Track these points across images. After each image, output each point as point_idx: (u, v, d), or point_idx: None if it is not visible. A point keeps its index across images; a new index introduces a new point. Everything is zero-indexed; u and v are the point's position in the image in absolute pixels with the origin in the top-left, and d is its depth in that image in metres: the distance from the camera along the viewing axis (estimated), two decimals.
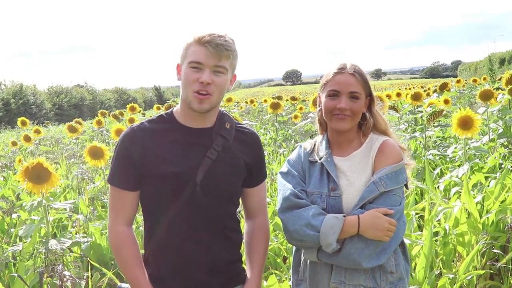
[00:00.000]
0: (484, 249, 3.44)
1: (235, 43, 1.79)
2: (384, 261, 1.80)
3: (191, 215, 1.79)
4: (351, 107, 1.85)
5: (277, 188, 1.99)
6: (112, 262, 4.00)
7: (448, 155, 5.61)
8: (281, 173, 1.99)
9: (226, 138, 1.84)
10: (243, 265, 2.01)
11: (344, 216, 1.77)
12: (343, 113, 1.85)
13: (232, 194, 1.91)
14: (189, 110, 1.79)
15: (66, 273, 2.79)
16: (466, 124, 4.26)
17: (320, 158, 1.93)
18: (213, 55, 1.71)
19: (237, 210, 1.97)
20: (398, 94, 10.69)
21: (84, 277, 3.17)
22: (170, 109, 1.91)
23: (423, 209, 3.85)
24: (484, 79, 16.97)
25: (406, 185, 1.90)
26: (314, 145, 2.01)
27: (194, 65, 1.72)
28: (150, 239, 1.86)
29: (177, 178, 1.76)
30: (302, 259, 1.98)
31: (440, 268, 3.45)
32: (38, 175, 3.19)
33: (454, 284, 3.09)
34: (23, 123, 11.56)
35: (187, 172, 1.76)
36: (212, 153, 1.80)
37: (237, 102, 21.32)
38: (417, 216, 4.02)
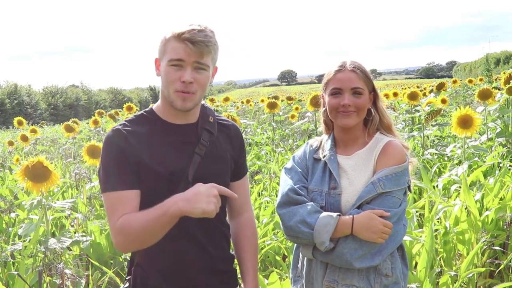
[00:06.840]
0: (484, 247, 3.45)
1: (215, 34, 1.70)
2: (378, 262, 1.78)
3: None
4: (355, 103, 1.85)
5: (279, 184, 1.98)
6: (112, 261, 3.99)
7: (447, 154, 5.62)
8: (285, 168, 2.00)
9: (212, 132, 1.79)
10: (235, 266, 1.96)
11: (339, 215, 1.76)
12: (347, 110, 1.85)
13: None
14: (172, 108, 1.72)
15: (67, 271, 2.76)
16: (466, 123, 4.27)
17: (324, 156, 1.93)
18: (194, 53, 1.63)
19: None
20: (395, 94, 10.74)
21: (84, 276, 3.16)
22: (150, 107, 1.82)
23: (422, 207, 3.86)
24: (481, 79, 16.98)
25: (409, 188, 1.88)
26: (321, 142, 2.01)
27: (175, 62, 1.64)
28: None
29: (171, 178, 1.67)
30: (300, 256, 1.98)
31: (441, 266, 3.46)
32: (38, 173, 3.17)
33: (455, 282, 3.10)
34: (20, 123, 11.49)
35: (180, 171, 1.69)
36: (200, 149, 1.73)
37: (234, 102, 21.31)
38: (417, 214, 4.03)
